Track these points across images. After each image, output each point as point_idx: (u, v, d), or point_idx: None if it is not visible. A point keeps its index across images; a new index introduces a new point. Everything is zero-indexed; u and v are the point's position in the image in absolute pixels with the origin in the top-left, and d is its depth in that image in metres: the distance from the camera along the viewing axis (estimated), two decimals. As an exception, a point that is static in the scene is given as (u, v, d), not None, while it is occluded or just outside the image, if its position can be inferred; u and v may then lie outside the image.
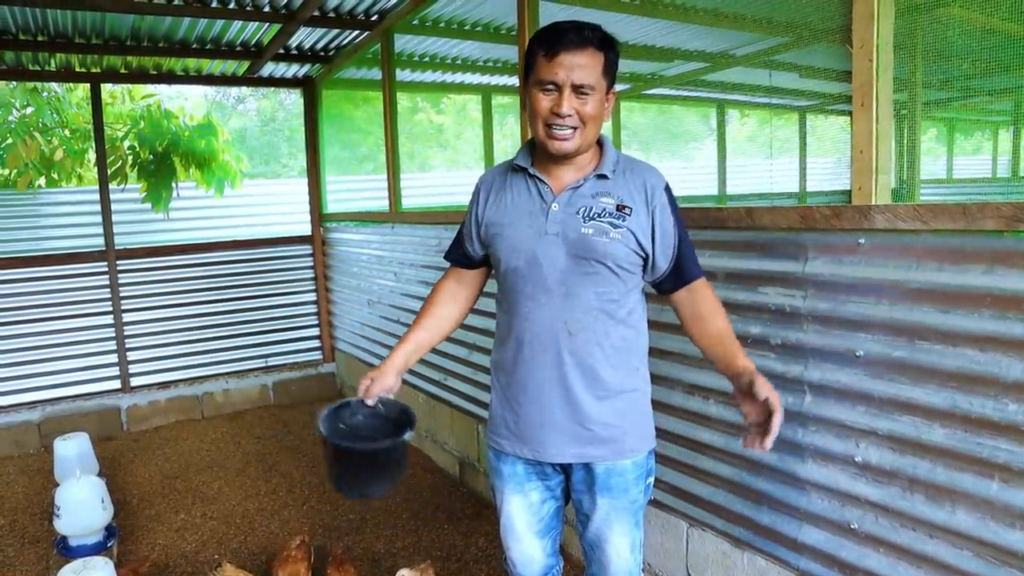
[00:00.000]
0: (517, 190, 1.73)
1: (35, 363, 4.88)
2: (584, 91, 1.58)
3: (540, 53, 1.59)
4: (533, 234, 1.67)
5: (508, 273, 1.72)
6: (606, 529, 1.76)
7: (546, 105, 1.60)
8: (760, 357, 2.07)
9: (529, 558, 1.87)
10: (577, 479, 1.78)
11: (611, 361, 1.68)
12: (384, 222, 4.58)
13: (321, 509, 3.63)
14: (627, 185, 1.67)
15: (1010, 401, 1.51)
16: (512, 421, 1.77)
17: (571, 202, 1.66)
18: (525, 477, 1.81)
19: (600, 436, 1.70)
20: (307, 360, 5.83)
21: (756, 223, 2.04)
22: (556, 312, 1.66)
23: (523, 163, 1.73)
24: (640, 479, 1.77)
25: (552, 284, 1.66)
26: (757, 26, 3.04)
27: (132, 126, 5.88)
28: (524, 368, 1.72)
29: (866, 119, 1.77)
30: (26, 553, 3.32)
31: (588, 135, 1.63)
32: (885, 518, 1.79)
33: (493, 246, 1.75)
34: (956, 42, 2.06)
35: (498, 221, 1.73)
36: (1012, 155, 4.84)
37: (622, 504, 1.75)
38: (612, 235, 1.62)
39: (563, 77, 1.56)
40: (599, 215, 1.63)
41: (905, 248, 1.69)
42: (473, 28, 4.14)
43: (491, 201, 1.76)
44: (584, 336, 1.66)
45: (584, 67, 1.56)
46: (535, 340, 1.69)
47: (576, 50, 1.56)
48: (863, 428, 1.81)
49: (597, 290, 1.65)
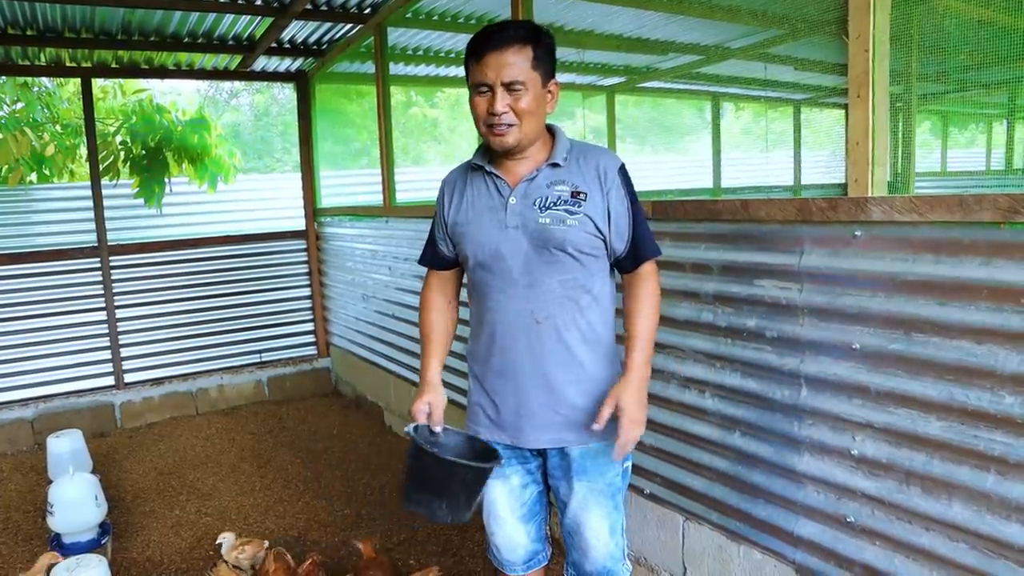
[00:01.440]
0: (477, 188, 1.78)
1: (28, 360, 4.85)
2: (515, 87, 1.61)
3: (471, 58, 1.64)
4: (495, 229, 1.72)
5: (475, 268, 1.77)
6: (583, 513, 1.79)
7: (483, 106, 1.64)
8: (756, 350, 2.06)
9: (513, 543, 1.89)
10: (553, 464, 1.81)
11: (580, 346, 1.72)
12: (378, 216, 4.56)
13: (316, 505, 3.62)
14: (580, 171, 1.71)
15: (1007, 393, 1.51)
16: (489, 409, 1.82)
17: (527, 193, 1.70)
18: (506, 463, 1.83)
19: (574, 420, 1.74)
20: (302, 355, 5.81)
21: (752, 216, 2.03)
22: (522, 302, 1.71)
23: (479, 162, 1.78)
24: (616, 462, 1.78)
25: (517, 275, 1.70)
26: (752, 18, 3.02)
27: (124, 121, 5.85)
28: (497, 357, 1.77)
29: (862, 111, 1.76)
30: (19, 551, 3.30)
31: (527, 129, 1.66)
32: (881, 511, 1.79)
33: (460, 244, 1.80)
34: (952, 34, 2.06)
35: (462, 220, 1.78)
36: (1007, 148, 4.84)
37: (598, 487, 1.77)
38: (569, 222, 1.66)
39: (492, 77, 1.60)
40: (555, 204, 1.67)
41: (901, 240, 1.68)
42: (467, 21, 4.12)
43: (455, 202, 1.82)
44: (551, 323, 1.70)
45: (510, 64, 1.60)
46: (506, 330, 1.74)
47: (500, 49, 1.60)
48: (859, 421, 1.81)
49: (560, 278, 1.69)
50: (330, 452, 4.37)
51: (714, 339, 2.21)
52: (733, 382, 2.15)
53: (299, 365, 5.75)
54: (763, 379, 2.06)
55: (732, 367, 2.15)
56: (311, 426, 4.92)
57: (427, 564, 2.96)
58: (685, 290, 2.29)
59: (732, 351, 2.14)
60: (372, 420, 4.94)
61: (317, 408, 5.36)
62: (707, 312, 2.22)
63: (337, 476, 3.98)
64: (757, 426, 2.10)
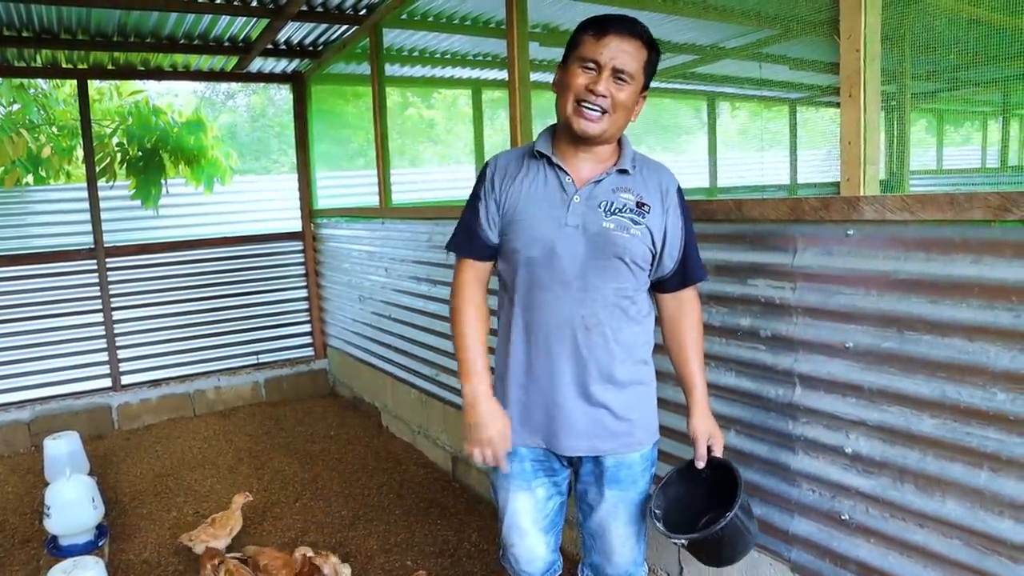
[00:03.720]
0: (535, 177, 1.69)
1: (25, 362, 4.85)
2: (623, 77, 1.58)
3: (589, 32, 1.59)
4: (552, 224, 1.64)
5: (524, 263, 1.68)
6: (612, 520, 1.78)
7: (582, 81, 1.59)
8: (750, 349, 2.07)
9: (533, 554, 1.87)
10: (585, 471, 1.79)
11: (623, 355, 1.70)
12: (374, 218, 4.56)
13: (313, 506, 3.62)
14: (645, 183, 1.68)
15: (999, 390, 1.52)
16: (521, 412, 1.75)
17: (593, 195, 1.65)
18: (532, 474, 1.80)
19: (611, 429, 1.72)
20: (299, 357, 5.81)
21: (746, 215, 2.04)
22: (573, 305, 1.65)
23: (544, 150, 1.69)
24: (647, 471, 1.80)
25: (570, 277, 1.65)
26: (746, 18, 3.04)
27: (120, 122, 5.84)
28: (537, 359, 1.71)
29: (854, 110, 1.77)
30: (16, 553, 3.30)
31: (616, 123, 1.62)
32: (876, 509, 1.80)
33: (509, 233, 1.69)
34: (944, 33, 2.06)
35: (516, 207, 1.68)
36: (1000, 145, 4.86)
37: (630, 496, 1.78)
38: (632, 231, 1.63)
39: (607, 58, 1.56)
40: (620, 210, 1.63)
41: (894, 239, 1.69)
42: (462, 22, 4.12)
43: (510, 187, 1.70)
44: (600, 330, 1.66)
45: (629, 54, 1.57)
46: (551, 332, 1.68)
47: (625, 36, 1.57)
48: (853, 419, 1.82)
49: (614, 285, 1.66)
50: (327, 453, 4.38)
51: (708, 338, 2.21)
52: (727, 381, 2.16)
53: (296, 366, 5.75)
54: (757, 378, 2.06)
55: (726, 366, 2.16)
56: (308, 427, 4.92)
57: (424, 566, 2.96)
58: (680, 289, 2.29)
59: (726, 350, 2.15)
60: (369, 422, 4.94)
61: (314, 409, 5.36)
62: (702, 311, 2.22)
63: (334, 477, 3.98)
64: (752, 425, 2.10)
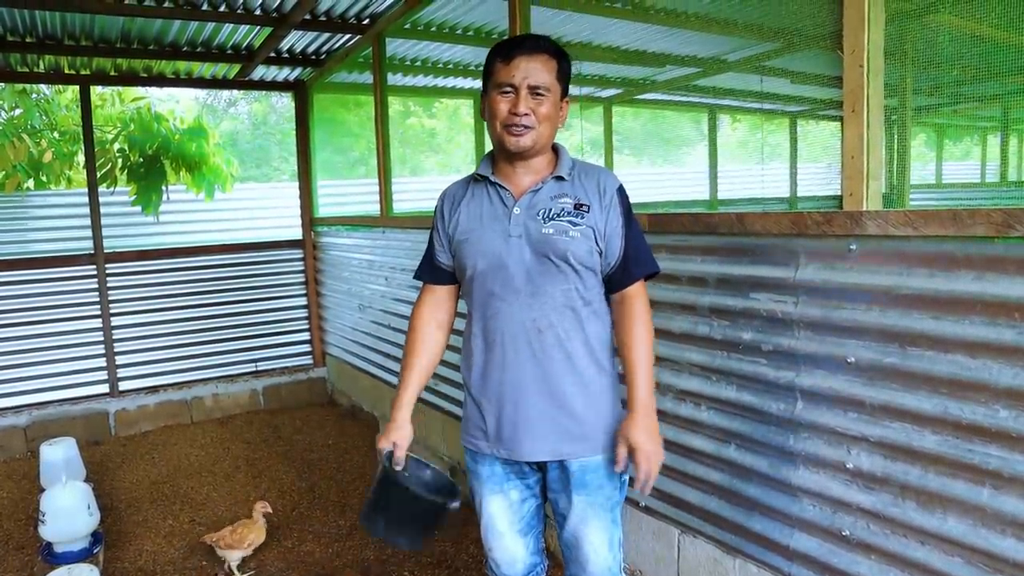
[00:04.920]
0: (479, 199, 1.80)
1: (22, 367, 4.83)
2: (540, 92, 1.67)
3: (498, 59, 1.70)
4: (498, 237, 1.73)
5: (475, 276, 1.77)
6: (582, 527, 1.78)
7: (504, 107, 1.68)
8: (752, 363, 2.06)
9: (512, 557, 1.88)
10: (552, 478, 1.81)
11: (582, 356, 1.73)
12: (375, 227, 4.56)
13: (310, 515, 3.60)
14: (583, 186, 1.74)
15: (1001, 407, 1.51)
16: (487, 422, 1.81)
17: (531, 204, 1.72)
18: (504, 477, 1.83)
19: (573, 433, 1.74)
20: (297, 365, 5.80)
21: (747, 229, 2.04)
22: (524, 310, 1.71)
23: (484, 172, 1.80)
24: (615, 475, 1.79)
25: (519, 284, 1.71)
26: (748, 32, 3.04)
27: (122, 128, 5.85)
28: (495, 368, 1.76)
29: (857, 125, 1.77)
30: (10, 560, 3.27)
31: (543, 134, 1.70)
32: (877, 525, 1.79)
33: (461, 255, 1.80)
34: (946, 48, 2.07)
35: (464, 229, 1.79)
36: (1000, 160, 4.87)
37: (598, 501, 1.77)
38: (572, 233, 1.69)
39: (519, 78, 1.66)
40: (558, 215, 1.70)
41: (896, 254, 1.68)
42: (465, 32, 4.14)
43: (456, 214, 1.82)
44: (553, 331, 1.71)
45: (539, 70, 1.66)
46: (505, 339, 1.74)
47: (531, 54, 1.67)
48: (855, 435, 1.81)
49: (563, 287, 1.70)
50: (325, 462, 4.36)
51: (710, 352, 2.21)
52: (729, 395, 2.15)
53: (295, 374, 5.73)
54: (759, 392, 2.06)
55: (728, 380, 2.15)
56: (306, 436, 4.90)
57: None
58: (681, 303, 2.29)
59: (728, 364, 2.14)
60: (367, 430, 4.93)
61: (312, 418, 5.34)
62: (703, 325, 2.22)
63: (332, 486, 3.97)
64: (753, 439, 2.09)
